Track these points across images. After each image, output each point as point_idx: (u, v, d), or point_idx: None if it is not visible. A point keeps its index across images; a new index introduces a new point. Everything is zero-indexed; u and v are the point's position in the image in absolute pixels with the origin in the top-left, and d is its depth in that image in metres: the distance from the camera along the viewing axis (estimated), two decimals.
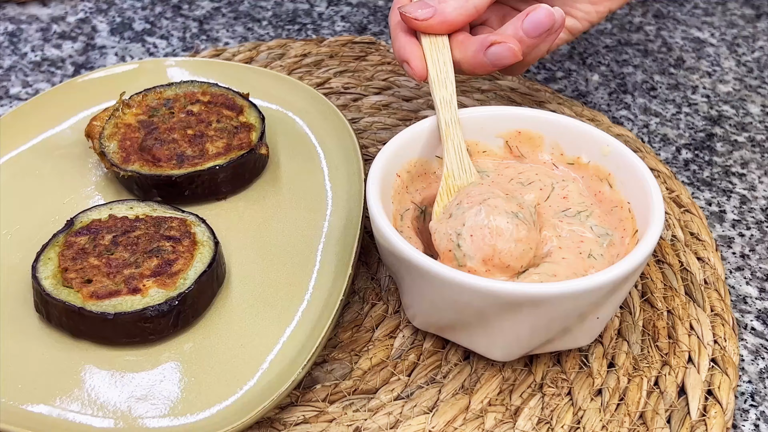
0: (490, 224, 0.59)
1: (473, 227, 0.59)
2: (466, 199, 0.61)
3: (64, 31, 0.98)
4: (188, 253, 0.63)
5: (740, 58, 0.97)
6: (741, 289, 0.71)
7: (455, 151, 0.66)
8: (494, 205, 0.60)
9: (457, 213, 0.61)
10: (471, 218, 0.59)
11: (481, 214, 0.59)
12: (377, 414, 0.60)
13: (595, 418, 0.60)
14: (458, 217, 0.60)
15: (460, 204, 0.61)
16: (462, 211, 0.60)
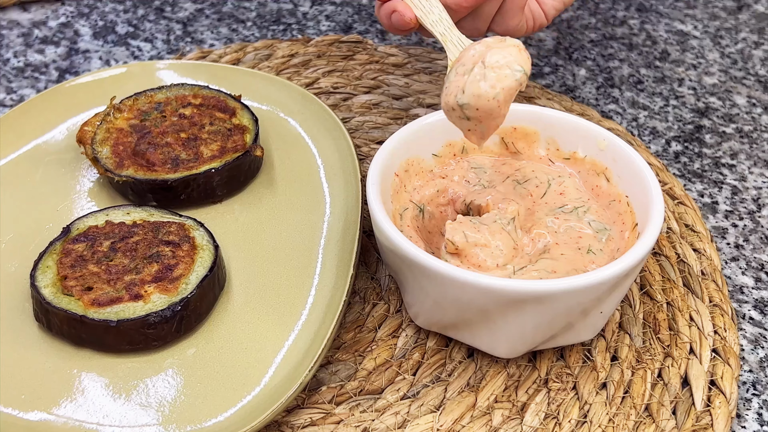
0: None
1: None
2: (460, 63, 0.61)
3: (46, 35, 0.97)
4: (188, 257, 0.63)
5: (724, 50, 0.98)
6: (737, 279, 0.71)
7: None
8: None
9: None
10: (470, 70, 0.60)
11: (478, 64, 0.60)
12: (384, 414, 0.59)
13: (602, 411, 0.60)
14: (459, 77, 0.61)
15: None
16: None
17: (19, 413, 0.57)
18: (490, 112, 0.60)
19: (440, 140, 0.69)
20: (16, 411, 0.57)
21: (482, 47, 0.60)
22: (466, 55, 0.61)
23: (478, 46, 0.61)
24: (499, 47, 0.60)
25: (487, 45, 0.60)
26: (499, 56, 0.59)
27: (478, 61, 0.60)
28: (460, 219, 0.62)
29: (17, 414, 0.56)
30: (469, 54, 0.61)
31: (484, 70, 0.59)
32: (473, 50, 0.61)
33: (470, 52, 0.61)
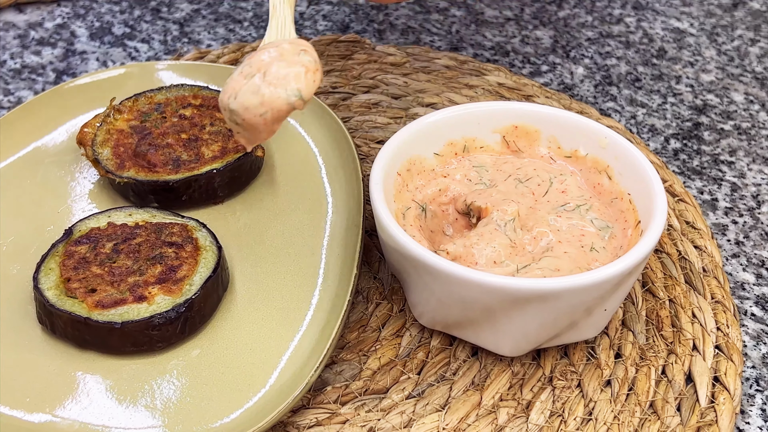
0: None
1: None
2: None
3: (42, 37, 0.96)
4: (192, 258, 0.62)
5: (720, 47, 0.98)
6: (738, 275, 0.72)
7: (278, 26, 0.62)
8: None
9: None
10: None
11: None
12: (390, 413, 0.59)
13: (607, 408, 0.60)
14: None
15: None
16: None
17: (24, 416, 0.56)
18: (255, 127, 0.57)
19: (441, 139, 0.69)
20: (21, 413, 0.56)
21: (274, 54, 0.57)
22: (256, 57, 0.58)
23: (272, 51, 0.57)
24: (288, 62, 0.56)
25: (280, 54, 0.57)
26: (282, 72, 0.56)
27: (262, 70, 0.56)
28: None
29: (22, 417, 0.56)
30: (259, 57, 0.57)
31: (262, 83, 0.56)
32: (265, 54, 0.57)
33: (262, 56, 0.57)
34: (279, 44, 0.58)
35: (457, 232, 0.67)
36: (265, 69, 0.56)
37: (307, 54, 0.58)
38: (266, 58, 0.57)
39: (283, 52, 0.57)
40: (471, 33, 0.98)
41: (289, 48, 0.58)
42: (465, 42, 0.97)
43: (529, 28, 1.00)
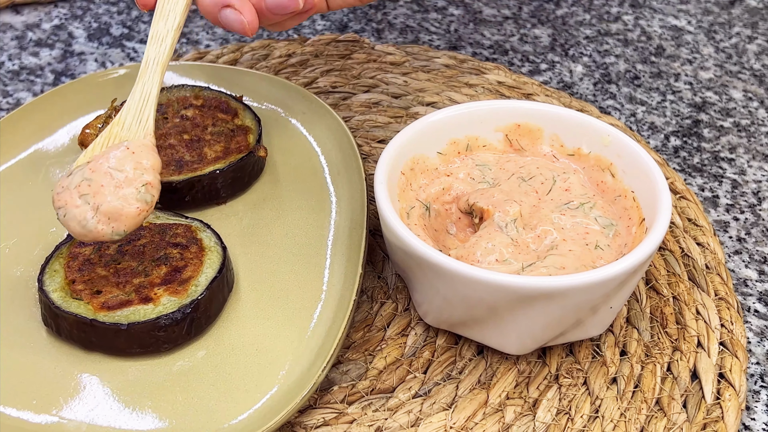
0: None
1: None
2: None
3: (40, 38, 0.96)
4: (197, 259, 0.62)
5: (718, 45, 0.98)
6: (741, 272, 0.72)
7: (141, 98, 0.60)
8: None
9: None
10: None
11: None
12: (397, 413, 0.59)
13: (613, 406, 0.60)
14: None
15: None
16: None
17: (31, 418, 0.56)
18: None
19: (444, 138, 0.69)
20: (28, 415, 0.56)
21: (117, 180, 0.56)
22: (98, 172, 0.56)
23: (116, 174, 0.56)
24: (125, 197, 0.56)
25: (120, 182, 0.56)
26: (116, 210, 0.56)
27: (97, 202, 0.56)
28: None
29: (29, 419, 0.56)
30: (101, 172, 0.56)
31: (92, 218, 0.56)
32: (106, 177, 0.56)
33: (102, 175, 0.56)
34: (123, 162, 0.57)
35: (460, 231, 0.67)
36: (99, 202, 0.56)
37: (149, 175, 0.57)
38: (106, 184, 0.56)
39: (124, 180, 0.56)
40: (469, 32, 0.98)
41: (132, 174, 0.56)
42: (464, 41, 0.97)
43: (527, 26, 1.00)
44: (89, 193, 0.56)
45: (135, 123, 0.59)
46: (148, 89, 0.60)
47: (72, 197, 0.56)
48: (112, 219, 0.56)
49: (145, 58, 0.60)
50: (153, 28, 0.61)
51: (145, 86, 0.60)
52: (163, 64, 0.60)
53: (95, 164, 0.57)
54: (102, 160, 0.57)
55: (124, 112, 0.59)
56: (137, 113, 0.60)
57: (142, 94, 0.60)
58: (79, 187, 0.56)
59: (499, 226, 0.62)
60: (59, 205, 0.57)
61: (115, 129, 0.59)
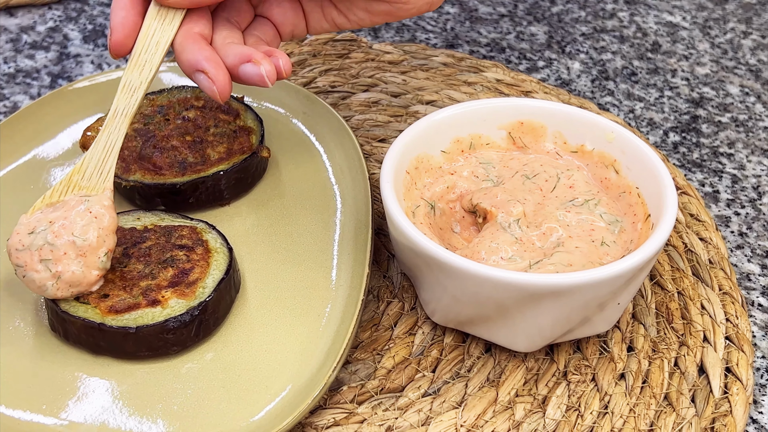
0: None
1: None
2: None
3: (35, 41, 0.95)
4: (203, 261, 0.62)
5: (713, 40, 0.99)
6: (743, 266, 0.72)
7: (105, 149, 0.60)
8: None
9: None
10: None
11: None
12: (407, 412, 0.59)
13: (622, 402, 0.60)
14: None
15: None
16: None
17: (41, 421, 0.56)
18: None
19: (448, 137, 0.69)
20: (38, 420, 0.56)
21: (79, 247, 0.57)
22: (61, 239, 0.57)
23: (79, 241, 0.57)
24: (86, 264, 0.57)
25: (83, 251, 0.57)
26: (76, 278, 0.57)
27: (58, 270, 0.57)
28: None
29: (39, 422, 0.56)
30: (64, 239, 0.57)
31: (52, 286, 0.57)
32: (69, 247, 0.57)
33: (67, 231, 0.57)
34: (87, 230, 0.57)
35: (464, 229, 0.67)
36: (62, 271, 0.57)
37: (110, 240, 0.58)
38: (69, 252, 0.57)
39: (88, 248, 0.57)
40: (466, 30, 0.98)
41: (95, 242, 0.57)
42: (460, 39, 0.97)
43: (523, 24, 1.00)
44: (51, 259, 0.57)
45: (96, 174, 0.60)
46: (113, 140, 0.60)
47: (32, 260, 0.58)
48: (72, 286, 0.58)
49: (113, 108, 0.59)
50: (126, 76, 0.59)
51: (110, 136, 0.60)
52: (131, 116, 0.59)
53: (58, 228, 0.57)
54: (65, 223, 0.57)
55: (86, 161, 0.59)
56: (99, 163, 0.59)
57: (106, 144, 0.60)
58: (41, 251, 0.57)
59: (503, 226, 0.63)
60: (18, 264, 0.58)
61: (75, 177, 0.59)
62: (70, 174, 0.59)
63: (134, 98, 0.60)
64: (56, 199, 0.59)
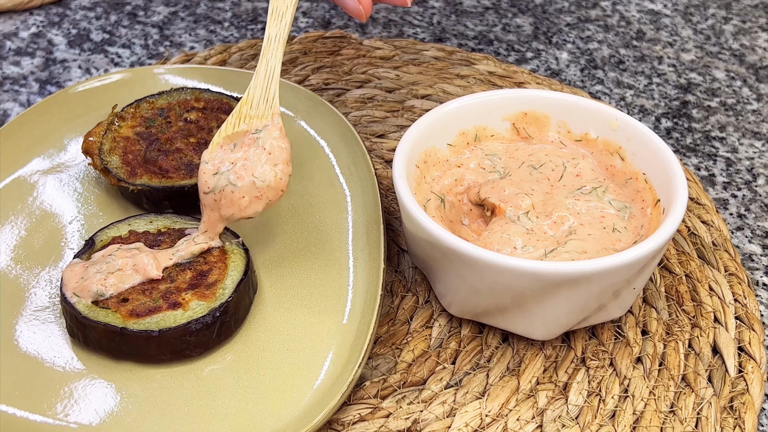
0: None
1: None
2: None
3: (19, 47, 0.94)
4: (221, 262, 0.62)
5: (696, 27, 1.00)
6: (745, 247, 0.73)
7: (266, 76, 0.63)
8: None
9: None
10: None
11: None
12: (431, 404, 0.60)
13: (642, 385, 0.61)
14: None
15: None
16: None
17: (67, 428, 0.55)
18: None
19: (454, 130, 0.69)
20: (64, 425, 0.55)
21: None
22: (243, 173, 0.61)
23: (256, 171, 0.62)
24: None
25: (259, 189, 0.61)
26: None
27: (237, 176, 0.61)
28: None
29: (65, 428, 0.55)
30: (247, 176, 0.61)
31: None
32: (251, 173, 0.61)
33: (248, 173, 0.61)
34: (265, 171, 0.61)
35: (473, 222, 0.67)
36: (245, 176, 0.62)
37: (284, 170, 0.62)
38: (250, 194, 0.62)
39: (265, 190, 0.62)
40: (452, 23, 0.99)
41: (273, 182, 0.62)
42: (448, 33, 0.97)
43: (508, 16, 1.01)
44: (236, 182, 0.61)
45: (262, 102, 0.63)
46: (272, 66, 0.62)
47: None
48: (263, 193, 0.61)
49: (267, 35, 0.62)
50: (272, 4, 0.63)
51: (269, 63, 0.62)
52: (284, 41, 0.62)
53: (239, 169, 0.61)
54: (246, 163, 0.61)
55: (251, 91, 0.62)
56: (263, 91, 0.62)
57: (266, 71, 0.62)
58: (225, 189, 0.61)
59: (512, 220, 0.63)
60: (221, 182, 0.61)
61: (244, 108, 0.62)
62: (239, 105, 0.62)
63: (283, 23, 0.63)
64: (231, 131, 0.62)
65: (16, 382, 0.58)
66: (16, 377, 0.58)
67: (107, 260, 0.61)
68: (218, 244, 0.63)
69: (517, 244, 0.62)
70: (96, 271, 0.60)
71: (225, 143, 0.62)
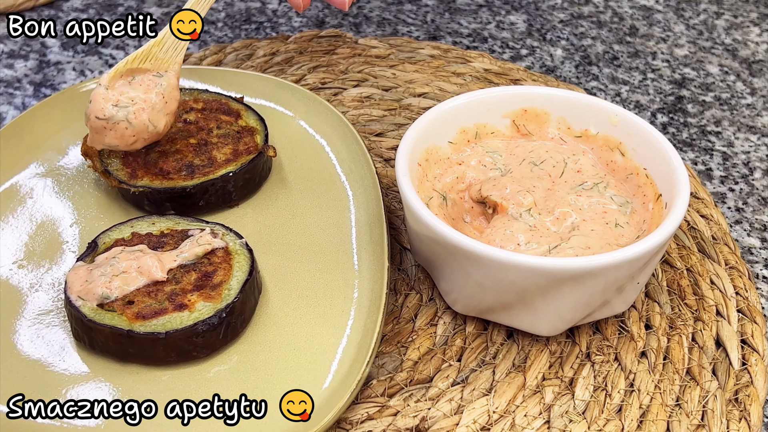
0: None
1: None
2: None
3: (12, 50, 0.94)
4: (225, 263, 0.62)
5: (688, 22, 1.01)
6: (744, 241, 0.74)
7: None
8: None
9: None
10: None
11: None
12: (439, 402, 0.60)
13: (647, 379, 0.61)
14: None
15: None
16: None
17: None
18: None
19: (454, 127, 0.70)
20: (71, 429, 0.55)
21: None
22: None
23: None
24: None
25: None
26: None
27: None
28: None
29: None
30: (136, 106, 0.67)
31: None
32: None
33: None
34: (158, 118, 0.68)
35: (474, 219, 0.67)
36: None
37: (170, 120, 0.69)
38: (142, 134, 0.68)
39: (154, 136, 0.68)
40: (446, 21, 0.99)
41: (161, 130, 0.68)
42: (442, 30, 0.98)
43: (502, 13, 1.01)
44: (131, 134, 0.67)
45: (172, 49, 0.69)
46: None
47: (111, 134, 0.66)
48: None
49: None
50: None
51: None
52: (210, 3, 0.70)
53: (138, 110, 0.66)
54: (144, 107, 0.66)
55: (166, 36, 0.68)
56: (175, 41, 0.69)
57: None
58: (119, 124, 0.66)
59: (514, 217, 0.63)
60: (98, 125, 0.66)
61: (155, 49, 0.68)
62: (151, 45, 0.67)
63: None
64: (136, 65, 0.67)
65: (22, 386, 0.57)
66: (21, 381, 0.58)
67: (111, 263, 0.60)
68: (222, 245, 0.63)
69: (520, 241, 0.62)
70: (100, 273, 0.60)
71: (126, 75, 0.67)
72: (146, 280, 0.60)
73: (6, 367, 0.59)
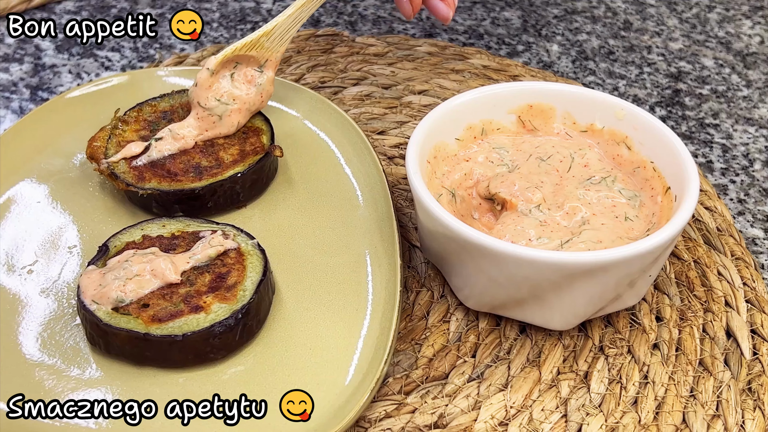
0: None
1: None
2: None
3: (6, 53, 0.93)
4: (239, 264, 0.62)
5: (681, 16, 1.01)
6: (748, 232, 0.75)
7: (294, 20, 0.74)
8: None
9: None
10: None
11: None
12: (456, 398, 0.60)
13: (661, 371, 0.62)
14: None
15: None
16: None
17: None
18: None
19: (461, 124, 0.70)
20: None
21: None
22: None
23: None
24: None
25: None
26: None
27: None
28: None
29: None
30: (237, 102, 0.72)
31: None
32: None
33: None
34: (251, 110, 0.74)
35: (482, 215, 0.67)
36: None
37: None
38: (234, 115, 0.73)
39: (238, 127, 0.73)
40: None
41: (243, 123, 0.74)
42: (438, 28, 0.98)
43: (496, 9, 1.01)
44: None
45: (278, 39, 0.73)
46: (302, 16, 0.74)
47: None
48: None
49: None
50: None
51: (302, 13, 0.74)
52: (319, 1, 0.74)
53: (238, 105, 0.72)
54: (245, 98, 0.72)
55: (277, 27, 0.73)
56: (284, 31, 0.73)
57: (295, 16, 0.73)
58: (220, 118, 0.71)
59: (524, 213, 0.63)
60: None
61: (263, 39, 0.72)
62: (260, 34, 0.72)
63: None
64: (244, 52, 0.71)
65: (38, 392, 0.57)
66: (37, 387, 0.57)
67: (124, 266, 0.60)
68: (234, 246, 0.62)
69: (531, 236, 0.62)
70: (114, 277, 0.59)
71: (230, 60, 0.71)
72: (160, 282, 0.60)
73: (20, 374, 0.58)
